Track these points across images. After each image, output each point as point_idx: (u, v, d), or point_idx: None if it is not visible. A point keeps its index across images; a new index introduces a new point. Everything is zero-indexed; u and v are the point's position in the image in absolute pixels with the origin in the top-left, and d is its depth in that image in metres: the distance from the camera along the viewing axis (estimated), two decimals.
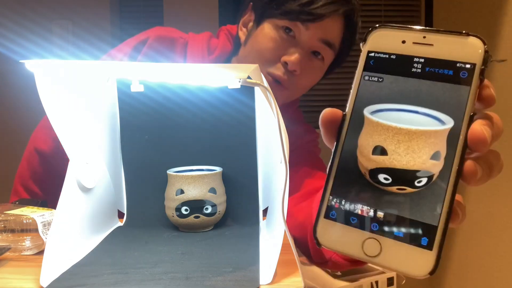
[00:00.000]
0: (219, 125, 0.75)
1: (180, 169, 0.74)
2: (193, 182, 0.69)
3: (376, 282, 0.93)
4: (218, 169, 0.73)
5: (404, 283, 0.98)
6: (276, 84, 0.86)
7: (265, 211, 0.75)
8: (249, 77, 0.45)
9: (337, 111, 0.34)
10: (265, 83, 0.50)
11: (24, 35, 1.81)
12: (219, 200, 0.71)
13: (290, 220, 0.74)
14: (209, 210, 0.70)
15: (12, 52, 1.76)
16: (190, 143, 0.76)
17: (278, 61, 0.85)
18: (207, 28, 1.03)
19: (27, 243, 0.60)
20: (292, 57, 0.83)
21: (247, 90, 0.73)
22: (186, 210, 0.69)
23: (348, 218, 0.31)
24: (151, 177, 0.76)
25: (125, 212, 0.76)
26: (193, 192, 0.69)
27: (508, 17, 1.60)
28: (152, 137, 0.76)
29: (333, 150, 0.33)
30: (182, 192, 0.69)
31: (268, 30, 0.85)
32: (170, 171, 0.72)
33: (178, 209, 0.69)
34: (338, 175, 0.32)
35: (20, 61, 0.51)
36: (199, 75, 0.56)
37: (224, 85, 0.72)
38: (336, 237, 0.32)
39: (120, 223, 0.74)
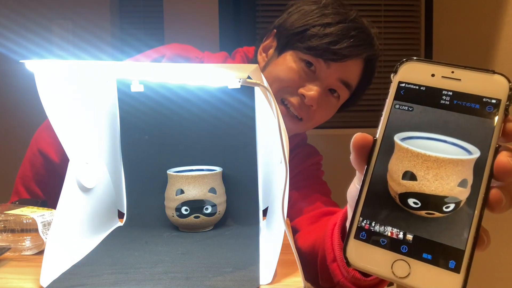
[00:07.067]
0: (219, 125, 0.75)
1: (180, 169, 0.74)
2: (193, 182, 0.69)
3: None
4: (218, 169, 0.73)
5: None
6: (291, 115, 0.87)
7: (265, 211, 0.75)
8: (249, 77, 0.45)
9: (368, 136, 0.35)
10: (265, 83, 0.50)
11: (24, 35, 1.81)
12: (219, 200, 0.71)
13: (300, 242, 0.74)
14: (209, 210, 0.70)
15: (12, 52, 1.76)
16: (190, 143, 0.76)
17: (295, 93, 0.86)
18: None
19: (27, 243, 0.60)
20: (310, 92, 0.84)
21: (247, 90, 0.73)
22: (186, 210, 0.69)
23: (378, 240, 0.33)
24: (151, 177, 0.76)
25: (125, 212, 0.76)
26: (193, 192, 0.69)
27: (508, 17, 1.60)
28: (152, 137, 0.76)
29: (363, 173, 0.34)
30: (182, 192, 0.69)
31: (290, 60, 0.86)
32: (170, 171, 0.72)
33: (178, 209, 0.69)
34: (368, 197, 0.34)
35: (20, 61, 0.51)
36: (199, 75, 0.56)
37: (224, 85, 0.71)
38: (365, 257, 0.33)
39: (120, 223, 0.74)
